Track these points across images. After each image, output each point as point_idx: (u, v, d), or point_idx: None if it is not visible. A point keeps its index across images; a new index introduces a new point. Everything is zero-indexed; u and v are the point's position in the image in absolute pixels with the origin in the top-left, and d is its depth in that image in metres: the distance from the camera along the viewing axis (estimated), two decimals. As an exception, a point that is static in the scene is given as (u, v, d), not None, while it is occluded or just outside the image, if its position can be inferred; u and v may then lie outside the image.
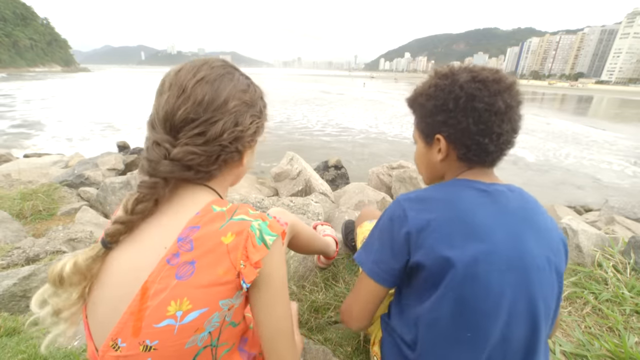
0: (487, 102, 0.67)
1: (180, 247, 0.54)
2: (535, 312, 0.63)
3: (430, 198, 0.71)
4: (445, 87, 0.72)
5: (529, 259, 0.63)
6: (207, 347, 0.56)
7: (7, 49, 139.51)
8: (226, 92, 0.60)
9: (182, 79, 0.58)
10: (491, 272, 0.62)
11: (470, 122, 0.69)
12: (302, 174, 3.91)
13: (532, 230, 0.66)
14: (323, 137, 15.72)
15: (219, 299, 0.54)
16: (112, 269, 0.55)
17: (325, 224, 1.60)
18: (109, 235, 0.55)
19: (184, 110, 0.56)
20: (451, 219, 0.66)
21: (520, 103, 0.71)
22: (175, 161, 0.56)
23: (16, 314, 1.54)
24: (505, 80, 0.70)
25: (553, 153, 13.95)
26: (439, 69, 0.77)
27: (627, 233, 2.62)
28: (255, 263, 0.56)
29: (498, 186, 0.71)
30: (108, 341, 0.52)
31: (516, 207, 0.69)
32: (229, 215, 0.58)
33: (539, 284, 0.63)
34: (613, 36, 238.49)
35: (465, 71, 0.73)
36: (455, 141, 0.73)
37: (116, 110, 19.81)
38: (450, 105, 0.70)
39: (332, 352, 1.09)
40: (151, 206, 0.57)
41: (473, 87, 0.68)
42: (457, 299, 0.63)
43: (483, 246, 0.63)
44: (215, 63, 0.62)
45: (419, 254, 0.67)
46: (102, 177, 4.67)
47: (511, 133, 0.71)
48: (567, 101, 53.21)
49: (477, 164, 0.74)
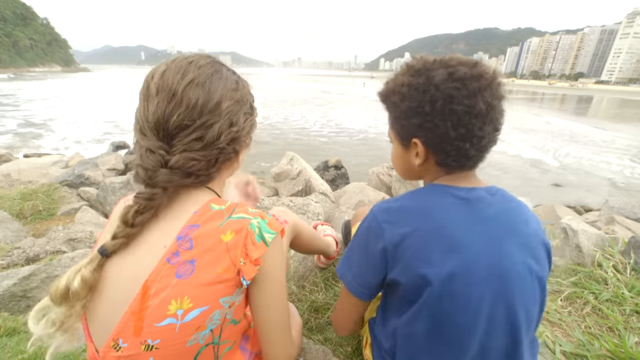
0: (467, 104, 0.61)
1: (180, 245, 0.54)
2: (515, 320, 0.61)
3: (406, 209, 0.67)
4: (419, 86, 0.65)
5: (509, 267, 0.61)
6: (209, 344, 0.56)
7: (7, 49, 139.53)
8: (218, 93, 0.58)
9: (170, 82, 0.55)
10: (469, 286, 0.60)
11: (449, 127, 0.63)
12: (302, 174, 3.91)
13: (513, 237, 0.64)
14: (322, 138, 15.72)
15: (220, 297, 0.54)
16: (111, 273, 0.55)
17: (326, 224, 1.60)
18: (109, 249, 0.54)
19: (178, 116, 0.54)
20: (427, 232, 0.62)
21: (502, 98, 0.65)
22: (174, 169, 0.55)
23: (16, 314, 1.54)
24: (485, 76, 0.63)
25: (553, 153, 13.96)
26: (411, 63, 0.69)
27: (627, 233, 2.62)
28: (255, 260, 0.57)
29: (478, 191, 0.67)
30: (109, 342, 0.52)
31: (496, 213, 0.65)
32: (228, 214, 0.58)
33: (519, 292, 0.61)
34: (613, 36, 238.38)
35: (440, 66, 0.65)
36: (434, 146, 0.67)
37: (122, 110, 19.74)
38: (426, 108, 0.64)
39: (332, 352, 1.09)
40: (151, 216, 0.56)
41: (450, 87, 0.62)
42: (434, 315, 0.62)
43: (460, 259, 0.60)
44: (201, 62, 0.59)
45: (395, 271, 0.65)
46: (102, 177, 4.67)
47: (493, 133, 0.66)
48: (567, 101, 53.22)
49: (457, 169, 0.70)
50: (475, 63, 0.65)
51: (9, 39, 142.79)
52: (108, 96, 30.13)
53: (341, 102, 32.87)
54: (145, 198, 0.54)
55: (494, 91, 0.63)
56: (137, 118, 0.58)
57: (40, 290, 1.72)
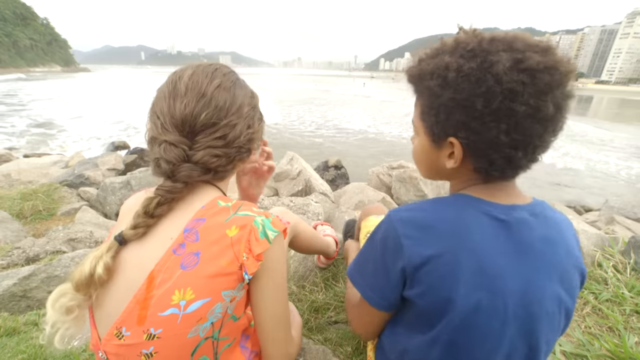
0: (533, 105, 0.48)
1: (187, 237, 0.56)
2: (535, 355, 0.56)
3: (431, 225, 0.56)
4: (471, 72, 0.50)
5: (538, 307, 0.54)
6: (209, 338, 0.57)
7: (7, 49, 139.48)
8: (240, 98, 0.64)
9: (200, 84, 0.60)
10: (493, 321, 0.53)
11: (502, 130, 0.50)
12: (302, 174, 3.91)
13: (551, 270, 0.55)
14: (322, 138, 15.72)
15: (222, 290, 0.56)
16: (120, 262, 0.57)
17: (325, 224, 1.60)
18: (128, 238, 0.56)
19: (206, 115, 0.59)
20: (456, 259, 0.53)
21: (572, 97, 0.51)
22: (198, 164, 0.59)
23: (16, 314, 1.54)
24: (561, 68, 0.49)
25: (553, 153, 13.96)
26: (461, 38, 0.54)
27: (627, 233, 2.62)
28: (257, 255, 0.58)
29: (519, 212, 0.56)
30: (112, 330, 0.53)
31: (536, 240, 0.55)
32: (234, 210, 0.61)
33: (544, 330, 0.55)
34: (613, 36, 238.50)
35: (504, 48, 0.50)
36: (476, 151, 0.55)
37: (131, 110, 19.66)
38: (477, 105, 0.50)
39: (332, 352, 1.09)
40: (168, 209, 0.59)
41: (515, 80, 0.48)
42: (450, 344, 0.55)
43: (490, 292, 0.52)
44: (224, 70, 0.66)
45: (414, 292, 0.57)
46: (102, 177, 4.67)
47: (552, 139, 0.54)
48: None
49: (498, 179, 0.58)
50: (548, 48, 0.50)
51: (9, 39, 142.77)
52: (115, 96, 30.09)
53: (341, 102, 32.92)
54: (167, 190, 0.57)
55: (567, 89, 0.51)
56: (156, 114, 0.61)
57: (41, 290, 1.72)
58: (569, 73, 0.50)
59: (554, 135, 0.54)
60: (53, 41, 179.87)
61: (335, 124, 19.67)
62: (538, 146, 0.53)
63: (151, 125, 0.62)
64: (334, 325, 1.27)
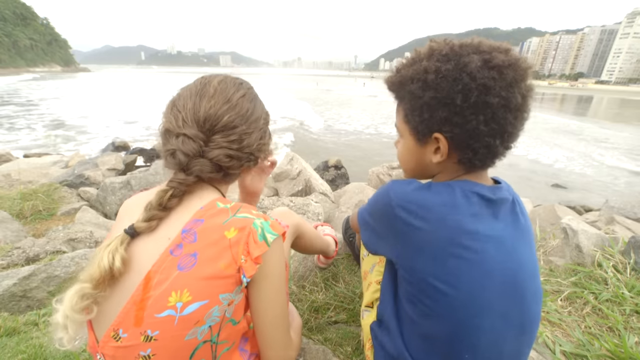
0: (504, 97, 0.56)
1: (184, 238, 0.56)
2: (526, 320, 0.63)
3: (428, 205, 0.61)
4: (448, 73, 0.58)
5: (523, 274, 0.62)
6: (207, 342, 0.56)
7: (7, 49, 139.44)
8: (259, 112, 0.70)
9: (227, 90, 0.66)
10: (486, 290, 0.59)
11: (481, 121, 0.57)
12: (302, 174, 3.91)
13: (527, 236, 0.65)
14: (322, 137, 15.71)
15: (219, 293, 0.55)
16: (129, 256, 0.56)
17: (325, 225, 1.60)
18: (139, 229, 0.56)
19: (229, 117, 0.63)
20: (447, 236, 0.59)
21: (533, 90, 0.60)
22: (211, 161, 0.61)
23: (16, 314, 1.54)
24: (522, 64, 0.58)
25: (553, 153, 13.95)
26: (434, 46, 0.62)
27: (627, 233, 2.62)
28: (256, 258, 0.58)
29: (502, 191, 0.64)
30: (109, 332, 0.53)
31: (510, 212, 0.65)
32: (233, 212, 0.61)
33: (530, 294, 0.63)
34: (613, 36, 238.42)
35: (473, 51, 0.58)
36: (459, 143, 0.61)
37: (142, 110, 19.55)
38: (457, 100, 0.57)
39: (332, 352, 1.09)
40: (178, 202, 0.60)
41: (487, 76, 0.56)
42: (452, 320, 0.60)
43: (481, 266, 0.59)
44: (248, 85, 0.73)
45: (408, 273, 0.64)
46: (102, 177, 4.67)
47: (520, 129, 0.62)
48: (567, 101, 53.22)
49: (479, 168, 0.65)
50: (508, 49, 0.60)
51: (9, 39, 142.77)
52: (122, 96, 30.04)
53: (341, 101, 32.91)
54: (180, 182, 0.59)
55: (529, 82, 0.59)
56: (177, 108, 0.63)
57: (41, 290, 1.72)
58: (528, 69, 0.59)
59: (522, 124, 0.61)
60: (53, 41, 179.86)
61: (336, 123, 19.67)
62: (511, 133, 0.60)
63: (169, 118, 0.63)
64: (334, 325, 1.27)
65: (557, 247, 1.81)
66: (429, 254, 0.60)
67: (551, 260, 1.75)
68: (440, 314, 0.60)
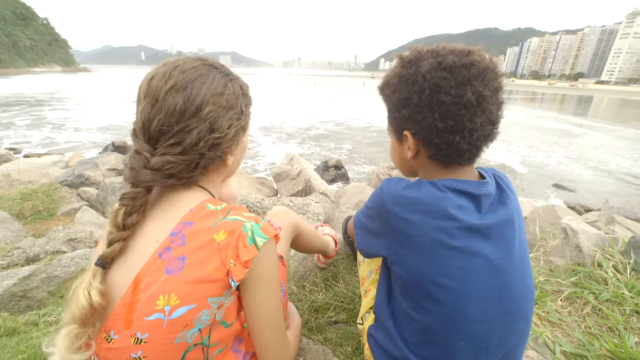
0: (454, 94, 0.60)
1: (173, 241, 0.55)
2: (516, 306, 0.65)
3: (418, 202, 0.63)
4: (408, 77, 0.64)
5: (511, 268, 0.64)
6: (198, 345, 0.56)
7: (7, 49, 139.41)
8: (199, 98, 0.57)
9: (155, 88, 0.57)
10: (476, 283, 0.61)
11: (437, 118, 0.61)
12: (302, 174, 3.91)
13: (516, 229, 0.67)
14: (322, 137, 15.71)
15: (208, 296, 0.55)
16: (112, 272, 0.55)
17: (325, 225, 1.60)
18: (106, 257, 0.54)
19: (158, 122, 0.56)
20: (436, 233, 0.61)
21: (498, 90, 0.63)
22: (155, 170, 0.56)
23: (16, 314, 1.54)
24: (477, 64, 0.61)
25: (553, 153, 13.96)
26: (404, 54, 0.68)
27: (627, 233, 2.62)
28: (245, 262, 0.57)
29: (488, 186, 0.65)
30: (101, 333, 0.53)
31: (499, 206, 0.66)
32: (223, 215, 0.59)
33: (521, 287, 0.65)
34: (613, 36, 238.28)
35: (430, 55, 0.63)
36: (423, 139, 0.66)
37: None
38: (414, 99, 0.63)
39: (332, 352, 1.09)
40: (140, 216, 0.57)
41: (437, 77, 0.60)
42: (448, 311, 0.62)
43: (472, 259, 0.61)
44: (187, 66, 0.59)
45: (404, 270, 0.65)
46: (102, 177, 4.68)
47: (488, 126, 0.63)
48: (567, 101, 53.21)
49: (456, 164, 0.67)
50: (469, 51, 0.63)
51: (9, 39, 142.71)
52: (122, 96, 30.01)
53: (342, 102, 32.88)
54: (130, 197, 0.55)
55: (487, 81, 0.61)
56: (134, 120, 0.61)
57: (41, 290, 1.72)
58: (487, 69, 0.61)
59: (489, 122, 0.63)
60: (53, 41, 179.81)
61: (338, 122, 19.67)
62: (472, 129, 0.62)
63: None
64: (334, 325, 1.27)
65: (557, 247, 1.81)
66: (421, 245, 0.62)
67: (551, 261, 1.75)
68: (435, 306, 0.62)
